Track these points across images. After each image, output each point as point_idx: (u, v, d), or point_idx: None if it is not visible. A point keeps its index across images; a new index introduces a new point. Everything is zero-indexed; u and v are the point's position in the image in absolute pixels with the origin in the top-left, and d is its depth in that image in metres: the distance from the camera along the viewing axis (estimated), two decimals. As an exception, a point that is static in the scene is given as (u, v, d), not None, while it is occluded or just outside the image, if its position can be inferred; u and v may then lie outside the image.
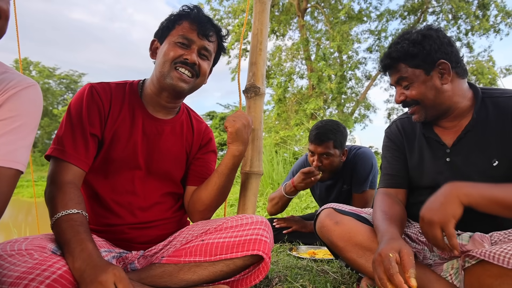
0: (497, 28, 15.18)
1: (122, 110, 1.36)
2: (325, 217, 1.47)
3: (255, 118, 1.60)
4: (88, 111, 1.29)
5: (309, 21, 17.09)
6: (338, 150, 2.35)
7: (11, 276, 0.93)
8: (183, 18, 1.38)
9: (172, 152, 1.44)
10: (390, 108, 19.23)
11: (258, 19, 1.66)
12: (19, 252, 1.00)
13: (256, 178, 1.59)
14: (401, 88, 1.41)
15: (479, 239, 1.26)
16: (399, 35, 1.42)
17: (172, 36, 1.36)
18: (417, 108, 1.40)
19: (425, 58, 1.32)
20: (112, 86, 1.39)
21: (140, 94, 1.43)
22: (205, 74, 1.42)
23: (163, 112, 1.44)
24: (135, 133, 1.37)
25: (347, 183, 2.51)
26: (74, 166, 1.22)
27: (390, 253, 1.08)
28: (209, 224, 1.38)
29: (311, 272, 1.74)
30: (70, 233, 1.06)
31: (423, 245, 1.44)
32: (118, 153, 1.33)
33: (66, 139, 1.24)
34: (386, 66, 1.42)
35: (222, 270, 1.26)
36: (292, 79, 17.41)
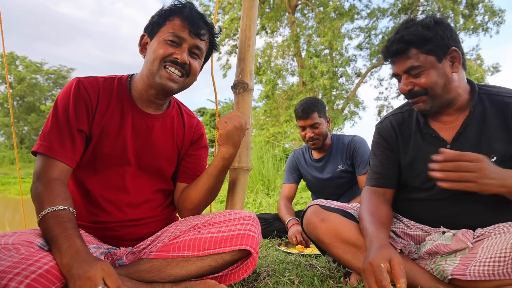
0: (485, 27, 15.38)
1: (110, 105, 1.34)
2: (311, 214, 1.47)
3: (244, 114, 1.61)
4: (75, 106, 1.26)
5: (300, 17, 17.12)
6: (323, 119, 2.63)
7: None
8: (174, 14, 1.34)
9: (163, 148, 1.43)
10: (380, 106, 19.42)
11: (246, 15, 1.66)
12: (5, 246, 1.00)
13: (244, 174, 1.60)
14: (408, 76, 1.33)
15: (462, 236, 1.27)
16: (405, 22, 1.34)
17: (162, 32, 1.32)
18: (424, 98, 1.33)
19: (439, 44, 1.27)
20: (100, 80, 1.36)
21: (129, 89, 1.41)
22: (196, 73, 1.40)
23: (153, 107, 1.42)
24: (124, 128, 1.35)
25: (343, 164, 2.64)
26: (60, 163, 1.21)
27: (382, 263, 1.10)
28: (197, 220, 1.38)
29: (299, 267, 1.76)
30: (58, 229, 1.05)
31: (409, 240, 1.46)
32: (107, 149, 1.31)
33: (53, 135, 1.23)
34: (396, 51, 1.31)
35: (210, 265, 1.27)
36: (282, 75, 17.43)
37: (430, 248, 1.31)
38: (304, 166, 2.83)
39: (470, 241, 1.24)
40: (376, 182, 1.52)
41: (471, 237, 1.26)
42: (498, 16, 14.93)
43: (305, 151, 2.88)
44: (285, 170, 2.94)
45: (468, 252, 1.24)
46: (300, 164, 2.86)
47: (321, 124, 2.61)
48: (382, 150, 1.53)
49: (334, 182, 2.68)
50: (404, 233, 1.47)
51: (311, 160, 2.81)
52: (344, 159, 2.66)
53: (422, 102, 1.34)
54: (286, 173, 2.92)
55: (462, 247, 1.24)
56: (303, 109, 2.59)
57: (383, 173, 1.51)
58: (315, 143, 2.63)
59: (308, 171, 2.81)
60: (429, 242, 1.34)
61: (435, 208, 1.39)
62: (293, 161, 2.89)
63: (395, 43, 1.31)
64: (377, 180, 1.52)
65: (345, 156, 2.66)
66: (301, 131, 2.67)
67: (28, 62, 33.23)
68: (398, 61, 1.33)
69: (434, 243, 1.30)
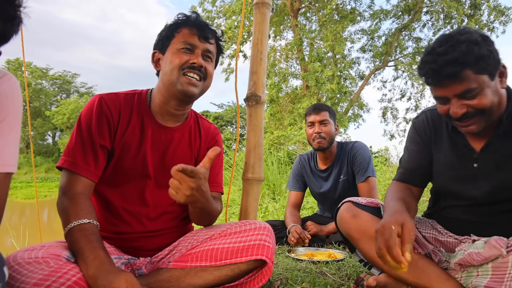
0: (491, 27, 15.32)
1: (131, 120, 1.39)
2: (344, 210, 1.56)
3: (256, 126, 1.65)
4: (97, 123, 1.32)
5: (302, 21, 17.17)
6: (332, 120, 2.66)
7: (29, 282, 0.97)
8: (181, 25, 1.39)
9: (180, 160, 1.46)
10: (384, 107, 19.41)
11: (258, 29, 1.70)
12: (36, 260, 1.05)
13: (257, 184, 1.64)
14: (460, 99, 1.20)
15: (495, 243, 1.23)
16: (445, 39, 1.20)
17: (174, 44, 1.38)
18: (479, 118, 1.22)
19: (492, 61, 1.18)
20: (121, 96, 1.41)
21: (149, 103, 1.45)
22: (211, 76, 1.44)
23: (172, 120, 1.46)
24: (144, 143, 1.39)
25: (344, 174, 2.65)
26: (84, 178, 1.27)
27: (393, 226, 1.12)
28: (213, 230, 1.42)
29: (310, 274, 1.80)
30: (83, 242, 1.11)
31: (439, 246, 1.45)
32: (128, 164, 1.36)
33: (77, 151, 1.28)
34: (449, 75, 1.17)
35: (227, 275, 1.31)
36: (286, 79, 17.49)
37: (461, 258, 1.28)
38: (309, 175, 2.84)
39: (504, 248, 1.22)
40: (403, 177, 1.53)
41: (505, 244, 1.23)
42: (504, 15, 14.85)
43: (311, 158, 2.87)
44: (291, 174, 2.95)
45: (500, 260, 1.20)
46: (305, 173, 2.86)
47: (330, 124, 2.63)
48: (414, 144, 1.51)
49: (337, 192, 2.70)
50: (434, 239, 1.46)
51: (316, 170, 2.81)
52: (346, 168, 2.66)
53: (476, 123, 1.23)
54: (292, 179, 2.91)
55: (495, 255, 1.21)
56: (315, 106, 2.65)
57: (412, 169, 1.51)
58: (321, 142, 2.61)
59: (312, 182, 2.82)
60: (459, 252, 1.32)
61: (468, 215, 1.39)
62: (299, 168, 2.89)
63: (447, 66, 1.16)
64: (404, 175, 1.52)
65: (347, 164, 2.66)
66: (309, 128, 2.67)
67: (34, 68, 33.53)
68: (449, 84, 1.19)
69: (466, 253, 1.28)
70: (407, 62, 17.32)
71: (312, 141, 2.66)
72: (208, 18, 16.93)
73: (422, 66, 1.24)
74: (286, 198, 5.67)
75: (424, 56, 1.23)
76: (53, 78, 35.33)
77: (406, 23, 16.76)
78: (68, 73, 36.55)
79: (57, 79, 35.57)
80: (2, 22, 0.87)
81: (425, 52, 1.24)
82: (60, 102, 33.90)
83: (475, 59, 1.14)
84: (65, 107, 31.75)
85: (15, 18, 0.90)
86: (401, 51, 17.39)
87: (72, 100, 34.16)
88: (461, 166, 1.37)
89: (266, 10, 1.71)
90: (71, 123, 30.85)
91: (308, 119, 2.69)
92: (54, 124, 32.92)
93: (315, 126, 2.63)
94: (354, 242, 1.52)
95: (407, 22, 16.73)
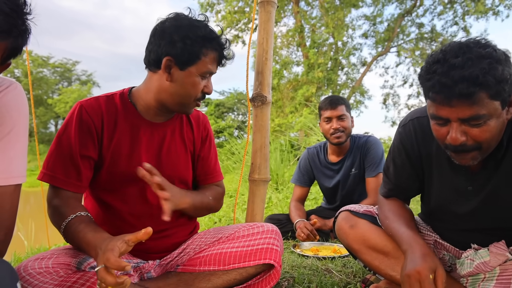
0: (496, 10, 15.11)
1: (117, 123, 1.34)
2: (342, 220, 1.51)
3: (262, 127, 1.65)
4: (78, 133, 1.27)
5: (303, 7, 16.98)
6: (349, 114, 2.59)
7: None
8: (208, 45, 1.28)
9: (177, 154, 1.44)
10: (386, 94, 19.34)
11: (263, 28, 1.68)
12: (46, 269, 1.07)
13: (264, 185, 1.65)
14: (462, 124, 1.03)
15: (497, 250, 1.22)
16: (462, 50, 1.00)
17: (198, 67, 1.28)
18: (475, 153, 1.08)
19: (509, 87, 1.00)
20: (102, 101, 1.35)
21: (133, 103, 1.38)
22: None
23: (162, 117, 1.41)
24: (137, 144, 1.35)
25: (356, 167, 2.62)
26: (66, 191, 1.24)
27: (431, 275, 1.06)
28: (221, 233, 1.43)
29: (316, 272, 1.81)
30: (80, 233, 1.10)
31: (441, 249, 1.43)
32: (123, 167, 1.33)
33: (56, 164, 1.24)
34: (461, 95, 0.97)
35: (235, 278, 1.32)
36: (287, 66, 17.39)
37: (470, 271, 1.25)
38: (319, 169, 2.77)
39: (507, 251, 1.20)
40: (391, 194, 1.44)
41: (505, 247, 1.21)
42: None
43: (320, 151, 2.79)
44: (297, 168, 2.87)
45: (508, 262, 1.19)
46: (314, 167, 2.79)
47: (348, 118, 2.57)
48: (401, 160, 1.36)
49: (347, 186, 2.67)
50: (435, 241, 1.43)
51: (326, 163, 2.74)
52: (358, 162, 2.62)
53: (471, 158, 1.09)
54: (297, 173, 2.84)
55: (503, 260, 1.19)
56: (331, 100, 2.56)
57: (400, 186, 1.41)
58: (340, 136, 2.54)
59: (322, 176, 2.78)
60: (466, 262, 1.27)
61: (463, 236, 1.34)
62: (307, 163, 2.81)
63: (462, 83, 0.96)
64: (392, 192, 1.44)
65: (360, 159, 2.62)
66: (325, 124, 2.58)
67: (35, 56, 33.37)
68: (457, 105, 1.00)
69: (474, 264, 1.24)
70: (409, 48, 17.18)
71: (330, 136, 2.57)
72: (208, 4, 16.77)
73: (428, 77, 1.03)
74: (289, 189, 5.68)
75: (432, 64, 1.03)
76: (54, 66, 35.23)
77: (409, 8, 16.55)
78: (69, 61, 36.38)
79: (58, 67, 35.46)
80: (14, 38, 0.86)
81: (432, 60, 1.04)
82: (62, 90, 33.87)
83: (496, 82, 0.96)
84: (68, 95, 31.72)
85: (25, 32, 0.89)
86: (403, 37, 17.23)
87: (74, 88, 34.13)
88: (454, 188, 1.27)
89: (271, 9, 1.69)
90: (73, 111, 30.78)
91: (323, 114, 2.59)
92: (57, 113, 32.96)
93: (332, 121, 2.55)
94: (355, 253, 1.48)
95: (409, 7, 16.52)
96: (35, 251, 3.56)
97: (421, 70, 1.09)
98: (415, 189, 1.41)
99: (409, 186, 1.39)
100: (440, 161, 1.27)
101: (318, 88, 15.81)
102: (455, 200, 1.28)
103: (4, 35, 0.82)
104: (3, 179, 0.94)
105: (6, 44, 0.85)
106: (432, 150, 1.28)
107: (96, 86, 38.30)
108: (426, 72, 1.05)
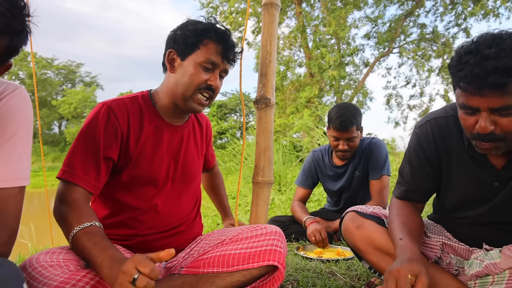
0: (497, 12, 15.08)
1: (143, 125, 1.37)
2: (348, 220, 1.52)
3: (266, 129, 1.65)
4: (104, 134, 1.27)
5: (305, 8, 16.98)
6: (359, 131, 2.55)
7: (50, 285, 1.02)
8: (208, 36, 1.33)
9: (192, 156, 1.50)
10: (388, 95, 19.30)
11: (267, 31, 1.68)
12: (58, 263, 1.09)
13: (268, 187, 1.64)
14: (492, 114, 1.05)
15: (510, 252, 1.21)
16: (493, 42, 1.02)
17: (197, 56, 1.32)
18: (501, 144, 1.10)
19: None
20: (127, 102, 1.37)
21: (154, 105, 1.43)
22: (218, 92, 1.43)
23: (180, 120, 1.47)
24: (159, 146, 1.39)
25: (360, 170, 2.62)
26: (81, 188, 1.23)
27: (409, 275, 1.06)
28: (225, 234, 1.43)
29: (320, 274, 1.81)
30: (89, 246, 1.10)
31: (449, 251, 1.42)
32: (146, 168, 1.35)
33: (77, 161, 1.24)
34: (494, 85, 0.99)
35: (239, 280, 1.32)
36: (290, 67, 17.39)
37: (479, 270, 1.24)
38: (324, 172, 2.78)
39: None
40: (406, 195, 1.42)
41: None
42: (510, 1, 14.58)
43: (325, 154, 2.80)
44: (302, 170, 2.88)
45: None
46: (319, 170, 2.80)
47: (357, 138, 2.53)
48: (418, 161, 1.36)
49: (351, 188, 2.68)
50: (443, 243, 1.42)
51: (331, 166, 2.74)
52: (362, 164, 2.62)
53: (495, 147, 1.11)
54: (302, 175, 2.86)
55: None
56: (342, 122, 2.43)
57: (416, 187, 1.39)
58: (345, 155, 2.56)
59: (327, 179, 2.78)
60: (475, 262, 1.27)
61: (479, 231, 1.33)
62: (311, 165, 2.82)
63: (496, 73, 0.98)
64: (407, 193, 1.41)
65: (363, 161, 2.61)
66: (333, 140, 2.55)
67: (39, 58, 33.58)
68: (489, 95, 1.02)
69: (483, 264, 1.24)
70: (412, 49, 17.15)
71: (336, 152, 2.59)
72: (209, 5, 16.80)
73: (460, 67, 1.04)
74: (292, 190, 5.68)
75: (464, 55, 1.05)
76: (58, 68, 35.50)
77: (411, 9, 16.52)
78: (73, 62, 36.78)
79: (62, 69, 35.75)
80: (10, 37, 0.86)
81: (464, 50, 1.06)
82: (66, 92, 34.08)
83: None
84: (72, 96, 31.91)
85: (22, 32, 0.89)
86: (405, 37, 17.21)
87: (79, 90, 34.31)
88: (479, 185, 1.26)
89: (274, 11, 1.69)
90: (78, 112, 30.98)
91: (332, 132, 2.52)
92: (60, 114, 33.14)
93: (340, 141, 2.51)
94: (361, 253, 1.48)
95: (411, 8, 16.49)
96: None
97: (452, 61, 1.11)
98: (432, 189, 1.40)
99: (425, 186, 1.39)
100: (462, 158, 1.28)
101: (320, 89, 15.79)
102: (480, 196, 1.28)
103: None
104: (8, 181, 0.95)
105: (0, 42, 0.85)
106: (451, 147, 1.29)
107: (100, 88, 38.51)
108: (458, 63, 1.06)
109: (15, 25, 0.86)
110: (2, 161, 0.95)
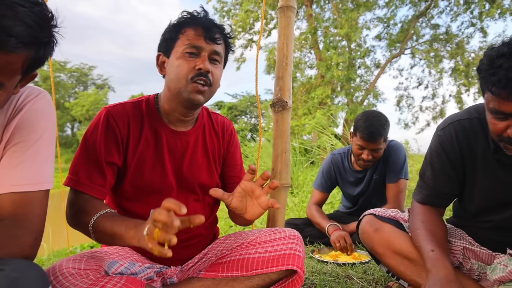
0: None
1: (143, 131, 1.34)
2: (366, 223, 1.51)
3: (283, 132, 1.64)
4: (104, 139, 1.27)
5: (315, 9, 16.93)
6: (385, 142, 2.49)
7: None
8: (185, 25, 1.30)
9: (200, 163, 1.44)
10: (399, 96, 19.11)
11: (283, 34, 1.68)
12: (78, 272, 1.09)
13: (285, 191, 1.64)
14: None
15: None
16: None
17: (178, 47, 1.29)
18: None
19: None
20: (128, 107, 1.35)
21: (158, 110, 1.39)
22: (218, 81, 1.37)
23: (184, 125, 1.41)
24: (160, 153, 1.35)
25: (378, 173, 2.59)
26: (88, 196, 1.23)
27: None
28: (243, 238, 1.43)
29: (337, 278, 1.80)
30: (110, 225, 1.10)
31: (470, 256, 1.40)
32: (147, 176, 1.33)
33: (81, 169, 1.24)
34: None
35: (258, 284, 1.32)
36: (300, 69, 17.36)
37: (503, 275, 1.22)
38: (343, 176, 2.74)
39: None
40: (428, 200, 1.39)
41: None
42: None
43: (344, 158, 2.76)
44: (320, 173, 2.83)
45: None
46: (338, 174, 2.76)
47: (382, 149, 2.46)
48: (441, 164, 1.33)
49: (369, 191, 2.66)
50: (465, 248, 1.39)
51: (351, 171, 2.70)
52: (380, 167, 2.59)
53: None
54: (320, 178, 2.80)
55: None
56: (371, 132, 2.36)
57: (438, 191, 1.37)
58: (367, 165, 2.52)
59: (346, 183, 2.75)
60: (498, 267, 1.25)
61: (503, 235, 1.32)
62: (331, 169, 2.77)
63: None
64: (429, 198, 1.39)
65: (381, 164, 2.58)
66: (357, 148, 2.47)
67: (52, 61, 34.14)
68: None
69: (507, 269, 1.22)
70: (424, 50, 16.96)
71: (357, 161, 2.53)
72: (222, 10, 16.85)
73: (493, 71, 1.02)
74: (304, 193, 5.66)
75: (497, 58, 1.02)
76: (70, 71, 36.09)
77: (423, 10, 16.35)
78: (85, 65, 37.40)
79: (74, 72, 36.34)
80: (36, 49, 0.86)
81: (496, 53, 1.03)
82: (79, 94, 34.59)
83: None
84: (84, 99, 32.39)
85: (49, 43, 0.89)
86: (418, 38, 17.03)
87: (91, 92, 34.82)
88: (505, 188, 1.24)
89: (291, 14, 1.68)
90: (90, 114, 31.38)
91: (357, 140, 2.44)
92: (73, 116, 33.64)
93: (365, 151, 2.42)
94: (379, 257, 1.47)
95: (423, 9, 16.33)
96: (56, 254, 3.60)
97: (482, 64, 1.08)
98: (455, 193, 1.37)
99: (448, 190, 1.36)
100: (487, 161, 1.25)
101: (333, 90, 15.72)
102: (506, 199, 1.25)
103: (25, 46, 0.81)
104: (34, 184, 0.96)
105: (26, 55, 0.84)
106: (477, 150, 1.26)
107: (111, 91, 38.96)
108: (490, 66, 1.03)
109: (42, 37, 0.85)
110: (28, 165, 0.96)
